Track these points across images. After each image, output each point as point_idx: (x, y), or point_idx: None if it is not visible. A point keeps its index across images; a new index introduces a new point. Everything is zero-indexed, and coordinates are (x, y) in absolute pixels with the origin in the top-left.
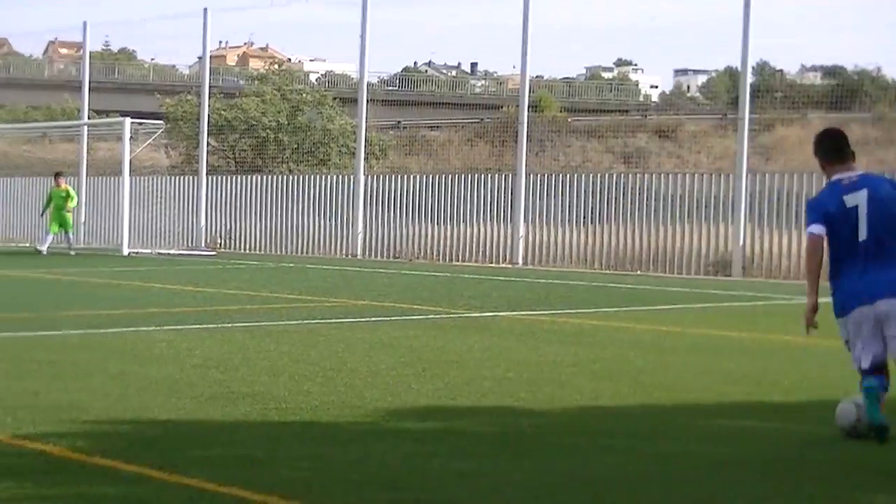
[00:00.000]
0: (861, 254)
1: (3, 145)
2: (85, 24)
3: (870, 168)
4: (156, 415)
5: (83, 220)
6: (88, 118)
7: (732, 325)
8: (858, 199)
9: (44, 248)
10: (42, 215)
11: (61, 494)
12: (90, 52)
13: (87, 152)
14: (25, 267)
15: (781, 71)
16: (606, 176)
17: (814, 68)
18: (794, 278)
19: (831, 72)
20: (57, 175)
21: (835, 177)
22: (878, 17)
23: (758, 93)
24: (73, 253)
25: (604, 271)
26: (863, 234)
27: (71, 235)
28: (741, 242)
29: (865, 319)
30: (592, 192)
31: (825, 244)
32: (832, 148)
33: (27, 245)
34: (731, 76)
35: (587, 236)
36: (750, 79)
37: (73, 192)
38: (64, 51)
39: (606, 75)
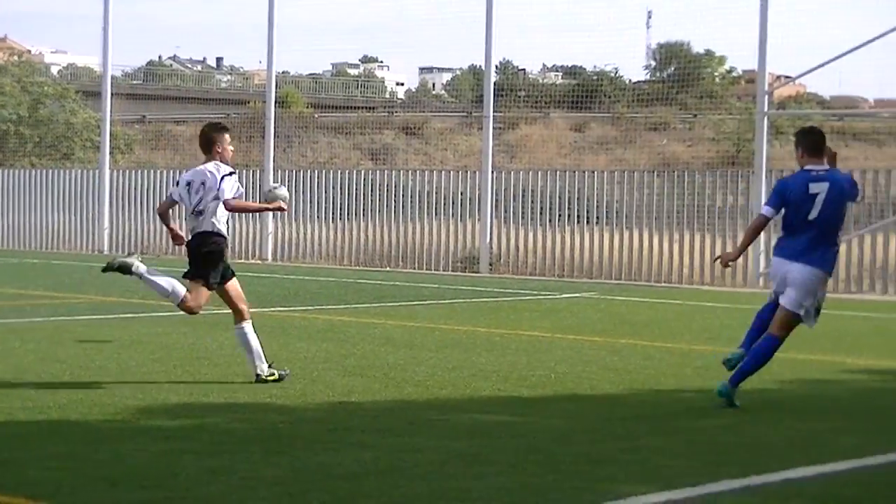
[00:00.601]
0: (807, 230)
1: None
2: None
3: (611, 166)
4: None
5: None
6: None
7: (481, 320)
8: (820, 189)
9: None
10: None
11: None
12: None
13: None
14: None
15: (524, 70)
16: (355, 172)
17: (555, 68)
18: (539, 275)
19: (571, 72)
20: None
21: (807, 167)
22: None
23: (501, 91)
24: None
25: (353, 267)
26: (814, 215)
27: None
28: (487, 239)
29: (779, 272)
30: (341, 189)
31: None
32: (813, 144)
33: None
34: (476, 74)
35: (336, 232)
36: (493, 77)
37: None
38: None
39: (353, 72)
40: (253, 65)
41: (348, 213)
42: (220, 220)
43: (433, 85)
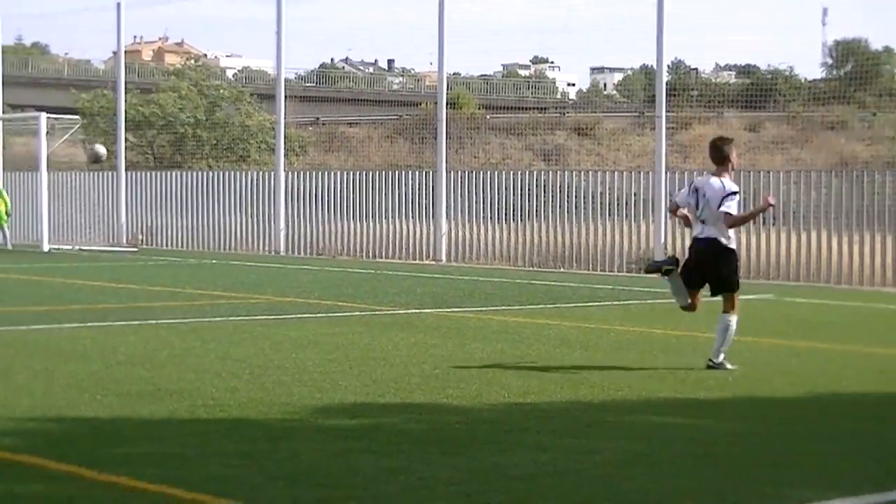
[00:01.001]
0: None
1: None
2: None
3: (787, 166)
4: (82, 412)
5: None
6: (3, 113)
7: (656, 322)
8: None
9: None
10: None
11: None
12: (3, 46)
13: (3, 147)
14: None
15: (696, 69)
16: (528, 173)
17: (728, 67)
18: None
19: (745, 71)
20: None
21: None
22: (788, 18)
23: (673, 91)
24: (10, 247)
25: (527, 268)
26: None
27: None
28: (662, 240)
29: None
30: (514, 190)
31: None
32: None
33: None
34: (647, 74)
35: (509, 233)
36: (665, 77)
37: (5, 195)
38: None
39: (523, 73)
40: (424, 66)
41: (521, 214)
42: (725, 231)
43: (604, 85)
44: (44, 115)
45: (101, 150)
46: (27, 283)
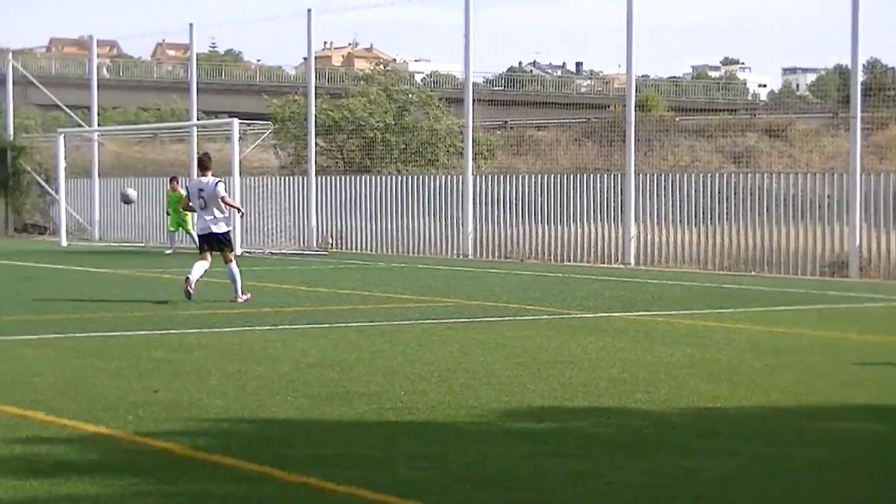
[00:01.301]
0: None
1: (115, 146)
2: (191, 25)
3: None
4: (273, 414)
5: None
6: (197, 119)
7: (851, 327)
8: None
9: (170, 249)
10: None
11: (184, 492)
12: (197, 54)
13: (197, 153)
14: (140, 266)
15: (893, 68)
16: (718, 175)
17: None
18: None
19: None
20: (172, 179)
21: None
22: None
23: (869, 91)
24: (168, 252)
25: (717, 272)
26: None
27: (176, 236)
28: (857, 243)
29: None
30: (704, 192)
31: None
32: None
33: (141, 245)
34: (842, 74)
35: (699, 236)
36: (861, 77)
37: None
38: (171, 52)
39: (713, 74)
40: (612, 69)
41: (711, 217)
42: None
43: (797, 86)
44: (236, 121)
45: (132, 193)
46: (219, 285)
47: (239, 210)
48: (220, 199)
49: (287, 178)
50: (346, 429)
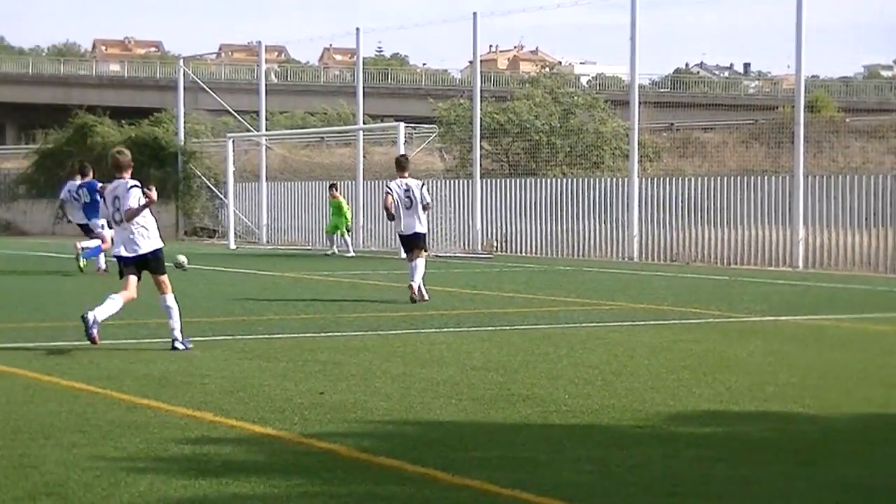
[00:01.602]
0: None
1: (282, 150)
2: (358, 30)
3: None
4: (437, 416)
5: (360, 223)
6: (363, 123)
7: None
8: None
9: (349, 251)
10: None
11: (349, 493)
12: (364, 58)
13: (363, 157)
14: (307, 269)
15: None
16: (890, 177)
17: None
18: None
19: None
20: (331, 187)
21: None
22: None
23: None
24: (329, 253)
25: (888, 275)
26: None
27: (337, 237)
28: None
29: None
30: (875, 194)
31: None
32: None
33: (308, 247)
34: None
35: (870, 239)
36: None
37: (344, 206)
38: (338, 57)
39: (886, 74)
40: (781, 69)
41: (883, 219)
42: None
43: None
44: (402, 125)
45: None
46: (384, 288)
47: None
48: (426, 201)
49: (452, 182)
50: (510, 432)
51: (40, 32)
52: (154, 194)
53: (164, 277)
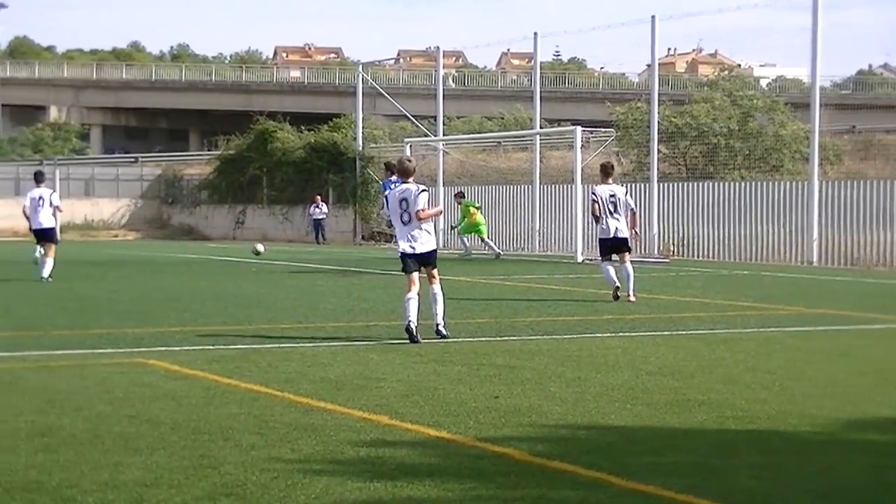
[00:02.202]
0: None
1: (459, 155)
2: (536, 35)
3: None
4: (612, 421)
5: (537, 227)
6: (540, 127)
7: None
8: None
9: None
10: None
11: (522, 497)
12: (541, 63)
13: (540, 161)
14: (481, 273)
15: None
16: None
17: None
18: None
19: None
20: (457, 195)
21: None
22: None
23: None
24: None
25: None
26: None
27: (465, 240)
28: None
29: None
30: None
31: None
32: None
33: (485, 252)
34: None
35: None
36: None
37: (472, 206)
38: (516, 62)
39: None
40: None
41: None
42: None
43: None
44: (579, 129)
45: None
46: (560, 293)
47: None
48: (631, 206)
49: (629, 185)
50: (684, 437)
51: (223, 41)
52: (440, 208)
53: (436, 270)
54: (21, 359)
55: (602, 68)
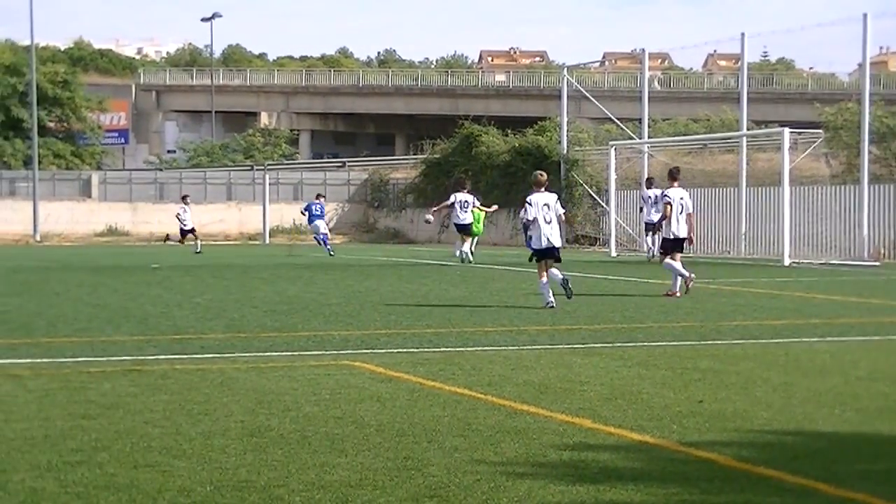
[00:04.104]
0: None
1: (664, 158)
2: (743, 35)
3: None
4: (819, 426)
5: (744, 230)
6: (747, 129)
7: None
8: None
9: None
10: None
11: (728, 502)
12: (748, 63)
13: (746, 163)
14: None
15: None
16: None
17: None
18: None
19: None
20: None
21: None
22: None
23: None
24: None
25: None
26: None
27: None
28: None
29: None
30: None
31: None
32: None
33: (691, 255)
34: None
35: None
36: None
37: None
38: (722, 63)
39: None
40: None
41: None
42: None
43: None
44: (786, 130)
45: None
46: (766, 296)
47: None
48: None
49: (838, 187)
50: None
51: (430, 46)
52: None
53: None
54: (232, 360)
55: (811, 68)
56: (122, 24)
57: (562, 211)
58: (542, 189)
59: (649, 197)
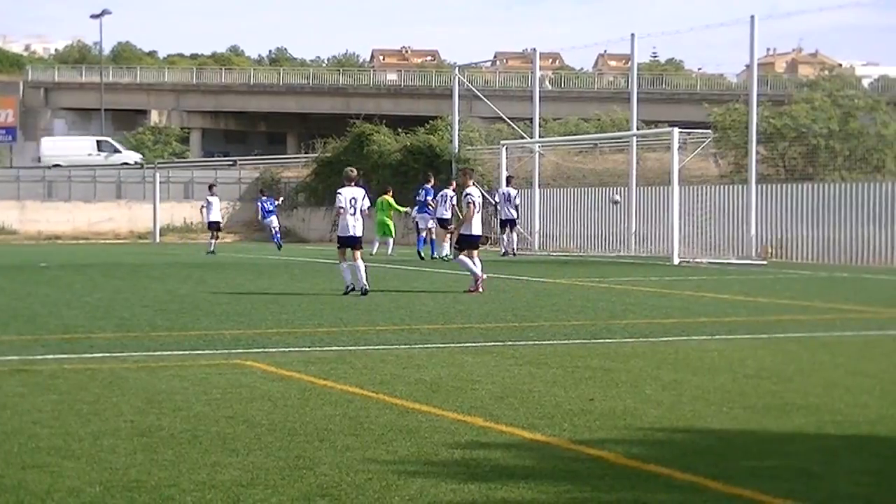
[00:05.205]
0: None
1: (555, 157)
2: (633, 36)
3: None
4: (708, 424)
5: (633, 229)
6: (637, 129)
7: None
8: None
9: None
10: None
11: (617, 500)
12: (638, 64)
13: (636, 163)
14: (577, 276)
15: None
16: None
17: None
18: None
19: None
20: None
21: None
22: None
23: None
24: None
25: None
26: None
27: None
28: None
29: None
30: None
31: None
32: None
33: (581, 254)
34: None
35: None
36: None
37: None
38: (613, 63)
39: None
40: None
41: None
42: None
43: None
44: (676, 131)
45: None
46: (655, 295)
47: None
48: None
49: (727, 187)
50: (783, 441)
51: (321, 44)
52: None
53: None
54: (122, 359)
55: (700, 69)
56: (9, 20)
57: (367, 206)
58: (353, 184)
59: (505, 194)
